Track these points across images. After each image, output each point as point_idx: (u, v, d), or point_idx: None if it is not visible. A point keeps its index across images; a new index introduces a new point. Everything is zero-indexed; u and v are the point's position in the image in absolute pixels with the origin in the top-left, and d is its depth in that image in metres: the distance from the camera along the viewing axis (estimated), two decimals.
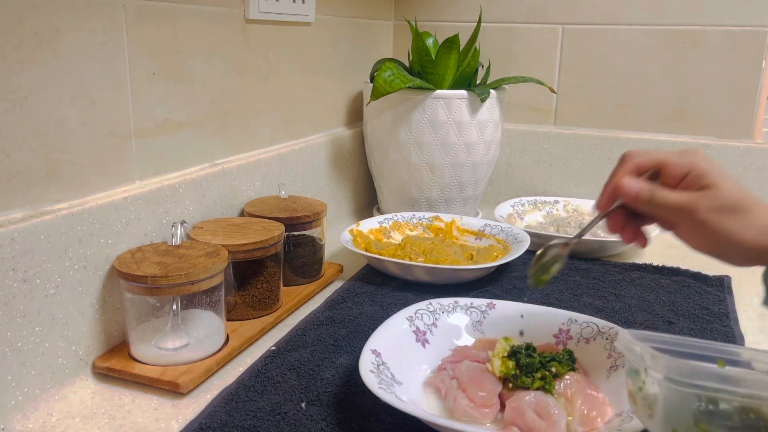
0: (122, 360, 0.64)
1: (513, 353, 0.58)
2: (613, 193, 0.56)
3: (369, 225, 0.99)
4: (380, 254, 0.89)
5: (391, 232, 1.00)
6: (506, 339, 0.60)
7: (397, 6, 1.32)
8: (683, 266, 0.93)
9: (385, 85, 0.98)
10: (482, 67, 1.15)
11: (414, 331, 0.66)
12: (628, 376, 0.48)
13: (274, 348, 0.69)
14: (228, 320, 0.72)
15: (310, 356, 0.66)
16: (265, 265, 0.74)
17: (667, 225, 0.56)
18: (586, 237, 0.98)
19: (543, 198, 1.18)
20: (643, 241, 0.58)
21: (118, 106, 0.68)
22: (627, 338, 0.48)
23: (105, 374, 0.63)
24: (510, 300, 0.72)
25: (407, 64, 1.10)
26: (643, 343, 0.47)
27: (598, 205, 0.58)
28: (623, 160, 0.57)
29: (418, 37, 1.05)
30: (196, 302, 0.67)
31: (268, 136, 0.95)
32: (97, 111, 0.65)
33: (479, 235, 1.00)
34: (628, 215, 0.57)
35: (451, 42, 1.03)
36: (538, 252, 0.60)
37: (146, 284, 0.61)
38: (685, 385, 0.43)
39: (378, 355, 0.59)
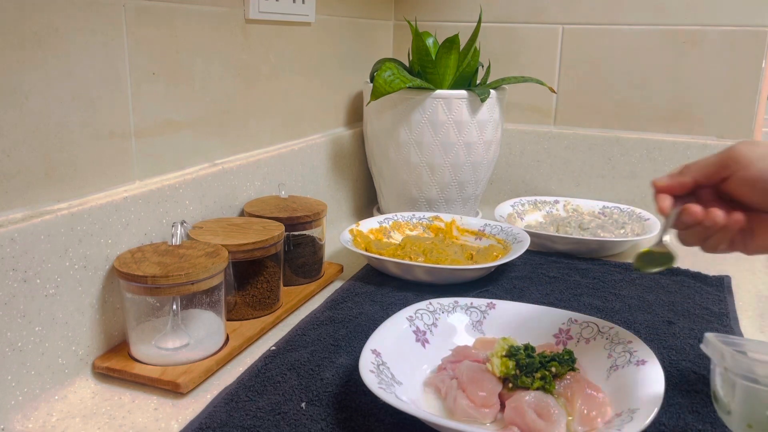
0: (122, 360, 0.64)
1: (512, 353, 0.58)
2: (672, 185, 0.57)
3: (369, 225, 0.99)
4: (380, 254, 0.89)
5: (391, 232, 1.00)
6: (505, 339, 0.60)
7: (397, 6, 1.32)
8: (683, 266, 0.93)
9: (385, 85, 0.98)
10: (482, 67, 1.16)
11: (414, 331, 0.66)
12: (712, 376, 0.54)
13: (274, 348, 0.69)
14: (228, 320, 0.72)
15: (310, 356, 0.66)
16: (265, 265, 0.74)
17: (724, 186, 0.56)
18: (586, 237, 0.98)
19: (543, 198, 1.18)
20: (738, 218, 0.55)
21: (118, 106, 0.68)
22: (713, 341, 0.53)
23: (105, 374, 0.63)
24: (510, 300, 0.72)
25: (407, 64, 1.10)
26: (726, 347, 0.52)
27: (662, 210, 0.57)
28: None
29: (418, 37, 1.05)
30: (196, 302, 0.67)
31: (268, 136, 0.95)
32: (97, 111, 0.65)
33: (479, 235, 1.00)
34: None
35: (451, 42, 1.03)
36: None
37: (146, 284, 0.61)
38: (761, 383, 0.49)
39: (378, 355, 0.59)
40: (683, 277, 0.90)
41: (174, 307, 0.65)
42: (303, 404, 0.58)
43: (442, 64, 1.05)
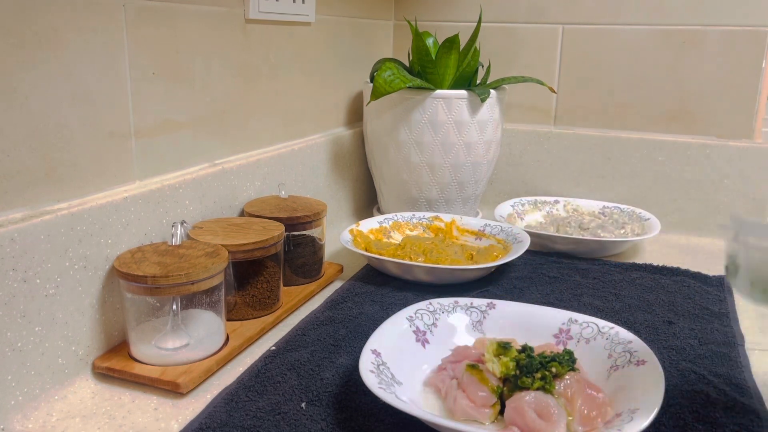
0: (122, 360, 0.64)
1: (504, 348, 0.58)
2: None
3: (369, 225, 0.99)
4: (380, 254, 0.89)
5: (391, 232, 1.00)
6: (491, 342, 0.60)
7: (397, 6, 1.32)
8: (683, 266, 0.93)
9: (385, 85, 0.98)
10: (482, 67, 1.16)
11: (414, 331, 0.66)
12: (727, 244, 0.54)
13: (274, 348, 0.69)
14: (228, 320, 0.72)
15: (310, 356, 0.66)
16: (265, 265, 0.74)
17: None
18: (586, 237, 0.98)
19: (543, 198, 1.18)
20: None
21: (118, 106, 0.68)
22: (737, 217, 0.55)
23: (105, 374, 0.63)
24: (510, 300, 0.72)
25: (407, 64, 1.10)
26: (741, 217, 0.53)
27: None
28: None
29: (418, 37, 1.05)
30: (196, 302, 0.67)
31: (268, 136, 0.95)
32: (97, 111, 0.65)
33: (479, 235, 1.00)
34: None
35: (451, 42, 1.03)
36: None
37: (146, 284, 0.61)
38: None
39: (378, 355, 0.59)
40: (683, 277, 0.90)
41: (174, 307, 0.65)
42: (303, 404, 0.58)
43: (442, 64, 1.05)
